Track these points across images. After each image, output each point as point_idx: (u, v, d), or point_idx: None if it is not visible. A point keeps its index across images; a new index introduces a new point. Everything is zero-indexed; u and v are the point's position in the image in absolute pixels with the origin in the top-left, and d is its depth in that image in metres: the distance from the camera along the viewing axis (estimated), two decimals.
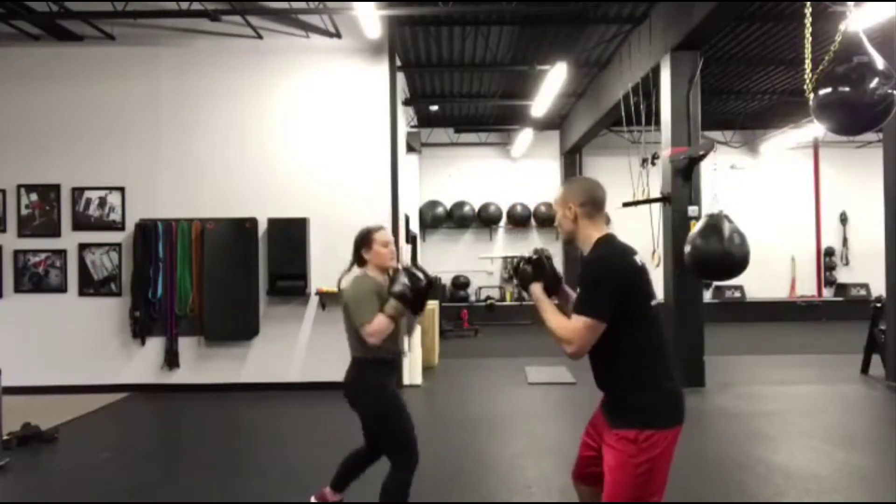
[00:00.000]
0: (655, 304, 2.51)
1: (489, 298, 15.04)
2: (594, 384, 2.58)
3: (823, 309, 14.91)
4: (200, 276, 7.78)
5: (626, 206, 8.28)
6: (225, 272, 7.76)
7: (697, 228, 6.93)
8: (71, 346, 7.83)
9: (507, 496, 4.40)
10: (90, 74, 7.99)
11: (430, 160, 14.74)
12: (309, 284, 7.84)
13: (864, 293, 14.59)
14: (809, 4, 4.64)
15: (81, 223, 7.93)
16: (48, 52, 7.99)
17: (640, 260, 2.48)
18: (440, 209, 15.11)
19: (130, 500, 4.45)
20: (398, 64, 8.92)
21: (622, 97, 9.60)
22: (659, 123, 8.44)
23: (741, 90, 12.29)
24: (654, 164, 9.50)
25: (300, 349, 7.92)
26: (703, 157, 7.64)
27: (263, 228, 7.88)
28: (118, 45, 7.98)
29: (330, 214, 7.85)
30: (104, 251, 7.92)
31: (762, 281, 14.23)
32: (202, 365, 7.89)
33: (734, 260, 6.65)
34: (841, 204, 15.33)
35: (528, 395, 7.65)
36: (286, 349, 7.91)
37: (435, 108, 13.57)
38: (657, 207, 8.32)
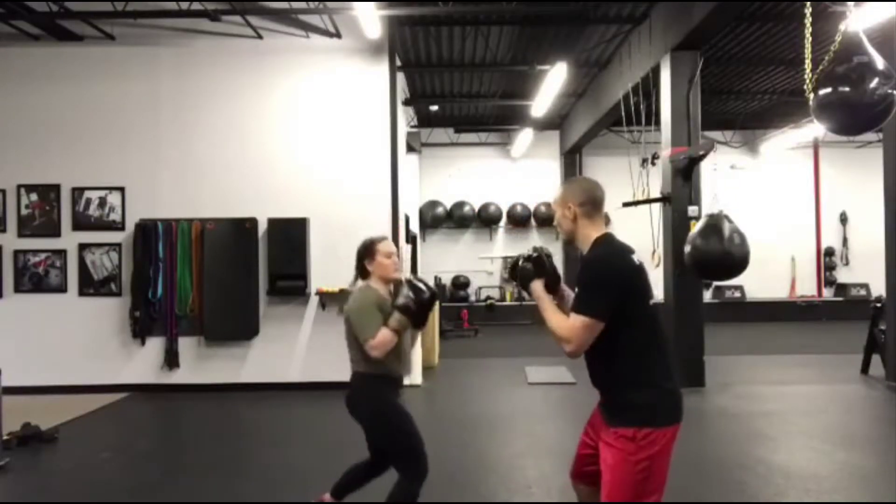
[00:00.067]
0: (654, 303, 2.51)
1: (489, 298, 15.04)
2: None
3: (823, 309, 14.91)
4: (200, 276, 7.78)
5: (626, 206, 8.28)
6: (225, 272, 7.76)
7: (697, 228, 6.93)
8: (71, 346, 7.83)
9: (507, 496, 4.40)
10: (90, 74, 7.99)
11: (430, 160, 14.72)
12: (309, 284, 7.84)
13: (864, 293, 14.59)
14: (809, 4, 4.64)
15: (81, 223, 7.93)
16: (48, 52, 7.99)
17: (637, 259, 2.49)
18: (440, 209, 15.11)
19: (130, 500, 4.45)
20: (398, 64, 8.91)
21: (622, 97, 9.60)
22: (659, 123, 8.44)
23: (741, 90, 12.29)
24: (654, 164, 9.50)
25: (300, 349, 7.92)
26: (703, 157, 7.64)
27: (263, 228, 7.88)
28: (118, 45, 7.98)
29: (330, 214, 7.85)
30: (104, 251, 7.92)
31: (762, 281, 14.22)
32: (202, 365, 7.89)
33: (734, 260, 6.65)
34: (841, 204, 15.34)
35: (528, 395, 7.65)
36: (286, 349, 7.91)
37: (435, 108, 13.57)
38: (657, 207, 8.32)
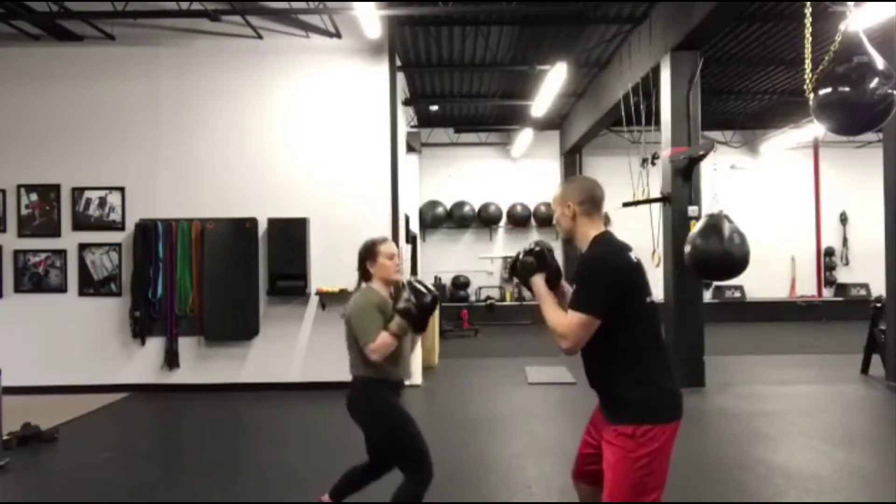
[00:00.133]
0: (651, 300, 2.51)
1: (489, 298, 15.04)
2: None
3: (823, 309, 14.90)
4: (200, 276, 7.78)
5: (626, 206, 8.28)
6: (225, 272, 7.76)
7: (697, 228, 6.93)
8: (71, 346, 7.83)
9: (507, 496, 4.40)
10: (90, 74, 7.99)
11: (430, 160, 14.72)
12: (309, 284, 7.84)
13: (864, 293, 14.58)
14: (809, 4, 4.64)
15: (81, 223, 7.93)
16: (48, 52, 7.99)
17: (635, 257, 2.50)
18: (440, 209, 15.11)
19: (130, 500, 4.45)
20: (398, 64, 8.92)
21: (622, 97, 9.60)
22: (659, 123, 8.44)
23: (741, 90, 12.29)
24: (654, 164, 9.50)
25: (300, 349, 7.92)
26: (703, 157, 7.64)
27: (263, 228, 7.88)
28: (118, 45, 7.98)
29: (330, 214, 7.85)
30: (104, 251, 7.92)
31: (762, 281, 14.22)
32: (202, 365, 7.89)
33: (734, 260, 6.65)
34: (841, 204, 15.33)
35: (528, 395, 7.65)
36: (286, 349, 7.91)
37: (435, 108, 13.57)
38: (657, 207, 8.32)
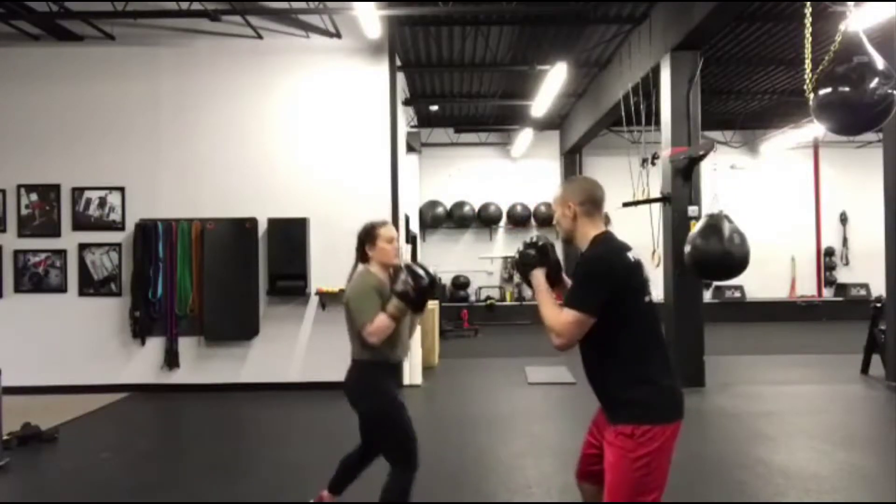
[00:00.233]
0: (651, 300, 2.51)
1: (489, 298, 15.04)
2: None
3: (823, 309, 14.90)
4: (200, 276, 7.78)
5: (626, 206, 8.28)
6: (225, 272, 7.76)
7: (697, 228, 6.93)
8: (71, 346, 7.82)
9: (507, 496, 4.40)
10: (90, 74, 7.98)
11: (430, 160, 14.73)
12: (309, 284, 7.84)
13: (864, 293, 14.58)
14: (809, 4, 4.64)
15: (81, 223, 7.93)
16: (48, 52, 7.99)
17: (633, 257, 2.49)
18: (440, 209, 15.11)
19: (130, 500, 4.45)
20: (398, 64, 8.92)
21: (622, 97, 9.60)
22: (659, 123, 8.44)
23: (741, 90, 12.29)
24: (654, 164, 9.50)
25: (300, 349, 7.92)
26: (703, 157, 7.64)
27: (263, 228, 7.88)
28: (118, 45, 7.97)
29: (330, 214, 7.85)
30: (104, 251, 7.92)
31: (762, 281, 14.23)
32: (202, 365, 7.89)
33: (734, 260, 6.65)
34: (841, 204, 15.33)
35: (528, 395, 7.65)
36: (286, 349, 7.91)
37: (435, 108, 13.57)
38: (657, 207, 8.32)
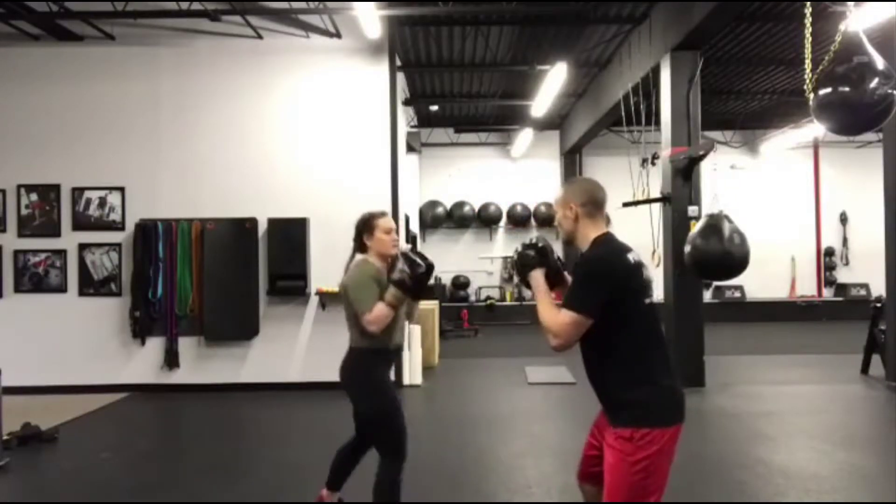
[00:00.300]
0: (651, 301, 2.49)
1: (489, 298, 15.04)
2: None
3: (823, 309, 14.90)
4: (200, 276, 7.78)
5: (626, 206, 8.28)
6: (225, 272, 7.76)
7: (697, 228, 6.93)
8: (71, 346, 7.82)
9: (507, 496, 4.39)
10: (90, 74, 7.98)
11: (430, 160, 14.74)
12: (309, 284, 7.84)
13: (864, 293, 14.58)
14: (809, 4, 4.64)
15: (81, 223, 7.93)
16: (48, 52, 7.99)
17: (634, 258, 2.48)
18: (440, 209, 15.11)
19: (130, 500, 4.45)
20: (398, 64, 8.92)
21: (622, 97, 9.60)
22: (659, 123, 8.44)
23: (741, 90, 12.29)
24: (654, 164, 9.50)
25: (300, 349, 7.92)
26: (703, 157, 7.64)
27: (263, 228, 7.88)
28: (118, 45, 7.97)
29: (330, 214, 7.84)
30: (104, 251, 7.92)
31: (762, 281, 14.23)
32: (202, 365, 7.89)
33: (734, 260, 6.65)
34: (841, 204, 15.34)
35: (528, 395, 7.65)
36: (286, 349, 7.91)
37: (435, 108, 13.57)
38: (657, 207, 8.32)
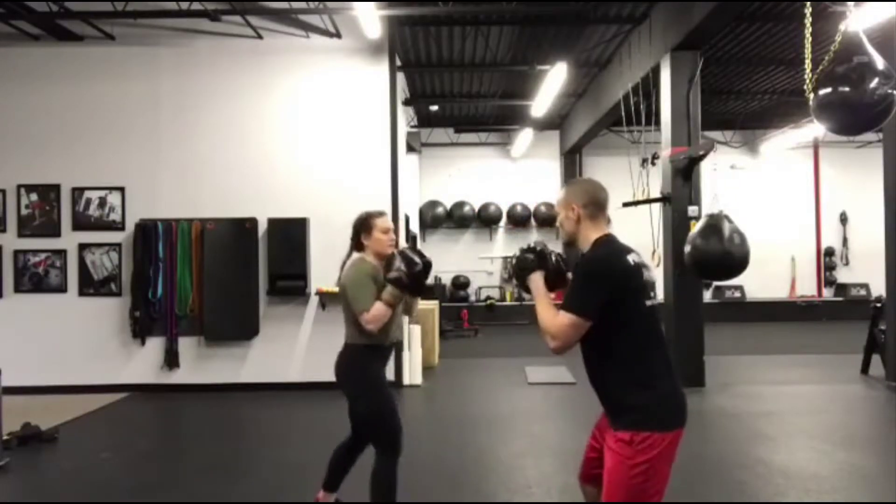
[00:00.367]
0: (653, 303, 2.47)
1: (489, 298, 15.04)
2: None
3: (823, 309, 14.90)
4: (200, 276, 7.78)
5: (626, 206, 8.27)
6: (225, 272, 7.76)
7: (697, 228, 6.93)
8: (71, 346, 7.82)
9: (507, 496, 4.39)
10: (90, 74, 7.98)
11: (430, 160, 14.74)
12: (309, 284, 7.84)
13: (864, 293, 14.58)
14: (809, 4, 4.64)
15: (81, 223, 7.93)
16: (48, 52, 7.99)
17: (634, 260, 2.45)
18: (440, 209, 15.11)
19: (130, 500, 4.45)
20: (398, 64, 8.91)
21: (622, 97, 9.60)
22: (659, 123, 8.44)
23: (741, 90, 12.29)
24: (654, 164, 9.49)
25: (300, 349, 7.92)
26: (703, 157, 7.64)
27: (263, 228, 7.87)
28: (118, 45, 7.97)
29: (330, 214, 7.84)
30: (104, 251, 7.92)
31: (762, 281, 14.23)
32: (202, 365, 7.89)
33: (734, 260, 6.65)
34: (841, 204, 15.34)
35: (528, 395, 7.65)
36: (286, 349, 7.90)
37: (435, 108, 13.57)
38: (657, 207, 8.32)
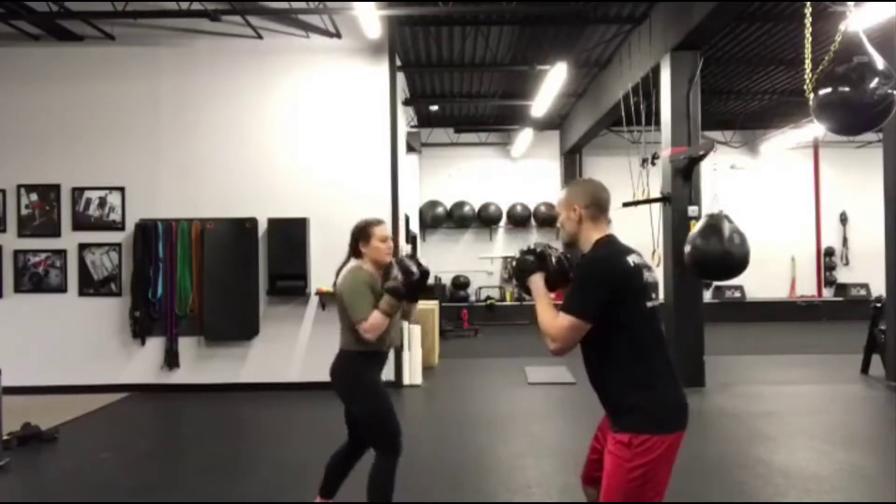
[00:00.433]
0: (653, 305, 2.45)
1: (489, 298, 15.04)
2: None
3: (823, 309, 14.90)
4: (200, 276, 7.78)
5: (626, 206, 8.27)
6: (225, 272, 7.76)
7: (697, 228, 6.93)
8: (71, 346, 7.82)
9: (507, 496, 4.39)
10: (90, 74, 7.98)
11: (430, 160, 14.74)
12: (309, 284, 7.84)
13: (864, 293, 14.59)
14: (809, 4, 4.64)
15: (81, 223, 7.93)
16: (48, 52, 7.99)
17: (634, 261, 2.43)
18: (440, 209, 15.11)
19: (130, 500, 4.45)
20: (398, 64, 8.91)
21: (622, 97, 9.60)
22: (659, 123, 8.45)
23: (741, 90, 12.29)
24: (654, 164, 9.50)
25: (300, 349, 7.92)
26: (703, 157, 7.64)
27: (263, 228, 7.88)
28: (118, 45, 7.97)
29: (330, 214, 7.84)
30: (104, 251, 7.92)
31: (762, 281, 14.23)
32: (202, 365, 7.89)
33: (734, 260, 6.65)
34: (841, 204, 15.34)
35: (528, 395, 7.65)
36: (286, 349, 7.90)
37: (435, 108, 13.57)
38: (657, 207, 8.32)
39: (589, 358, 2.48)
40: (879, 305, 8.12)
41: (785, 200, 15.30)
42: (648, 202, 8.41)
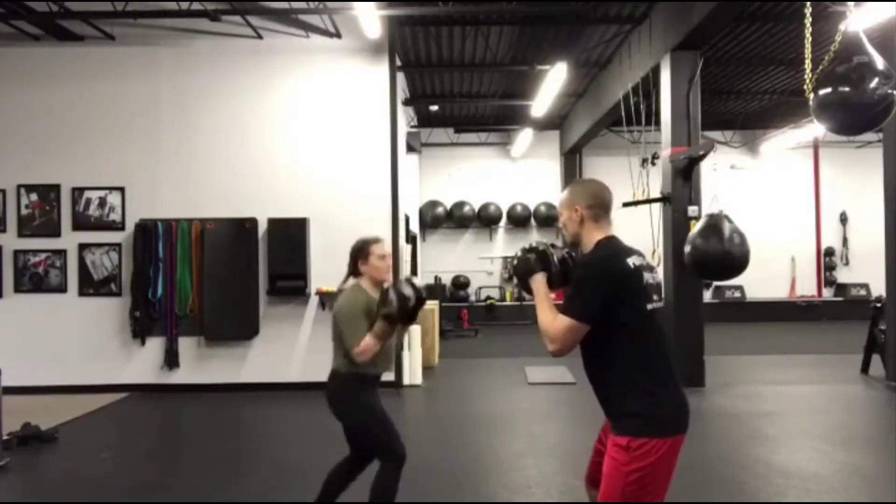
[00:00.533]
0: (654, 306, 2.42)
1: (489, 298, 15.04)
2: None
3: (823, 309, 14.91)
4: (200, 276, 7.78)
5: (626, 206, 8.27)
6: (225, 272, 7.76)
7: (697, 228, 6.93)
8: (71, 346, 7.82)
9: (507, 496, 4.39)
10: (90, 74, 7.98)
11: (430, 160, 14.74)
12: (309, 284, 7.84)
13: (864, 293, 14.59)
14: (809, 4, 4.64)
15: (81, 223, 7.93)
16: (48, 52, 7.99)
17: (635, 262, 2.40)
18: (440, 209, 15.11)
19: (130, 500, 4.45)
20: (398, 64, 8.91)
21: (622, 97, 9.60)
22: (659, 123, 8.45)
23: (741, 90, 12.28)
24: (654, 164, 9.50)
25: (300, 349, 7.92)
26: (703, 157, 7.64)
27: (263, 228, 7.88)
28: (118, 45, 7.97)
29: (330, 214, 7.85)
30: (104, 251, 7.92)
31: (762, 281, 14.23)
32: (202, 365, 7.89)
33: (734, 260, 6.66)
34: (841, 204, 15.34)
35: (528, 395, 7.65)
36: (286, 349, 7.91)
37: (435, 108, 13.57)
38: (657, 207, 8.32)
39: (588, 359, 2.47)
40: (879, 305, 8.12)
41: (785, 200, 15.31)
42: (648, 202, 8.41)
